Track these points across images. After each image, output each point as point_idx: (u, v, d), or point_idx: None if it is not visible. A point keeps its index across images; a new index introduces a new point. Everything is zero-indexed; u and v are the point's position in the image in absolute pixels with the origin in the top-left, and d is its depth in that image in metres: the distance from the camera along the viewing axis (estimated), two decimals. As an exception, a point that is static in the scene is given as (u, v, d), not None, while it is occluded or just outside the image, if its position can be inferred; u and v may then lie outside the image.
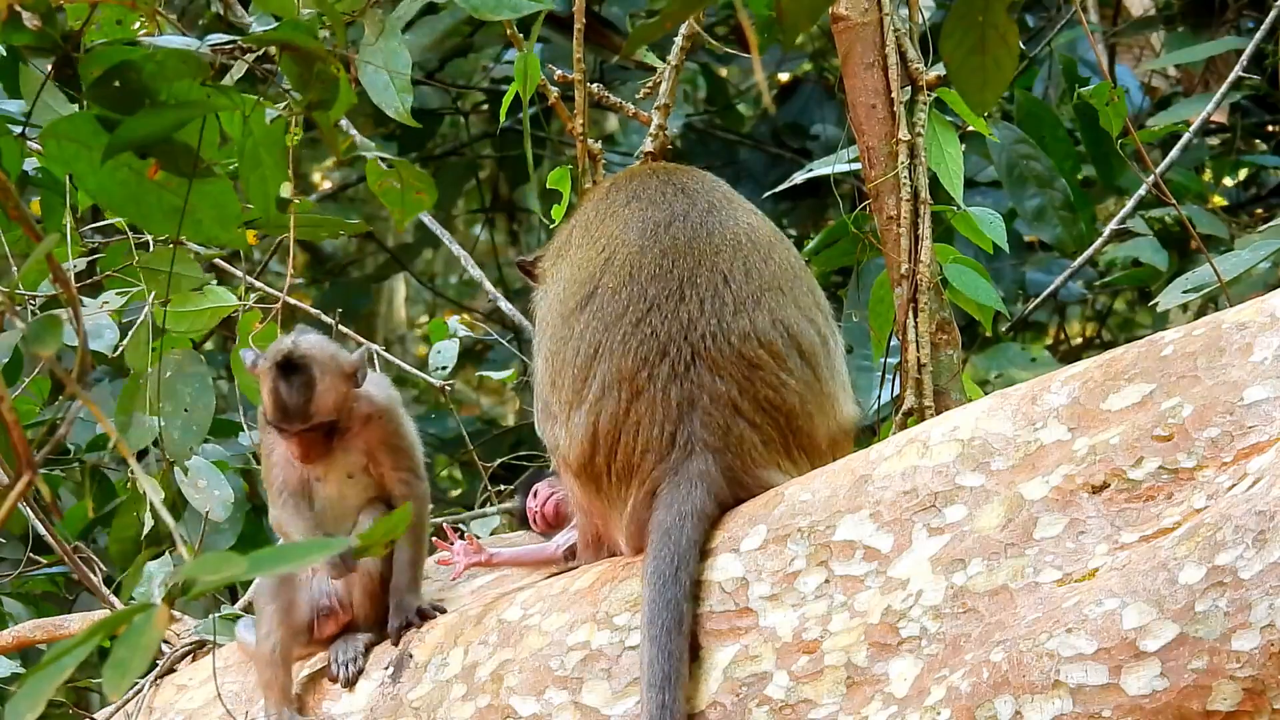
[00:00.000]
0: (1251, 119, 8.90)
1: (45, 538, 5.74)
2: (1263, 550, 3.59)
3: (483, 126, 10.81)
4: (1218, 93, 6.86)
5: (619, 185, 4.70)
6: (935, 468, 4.08)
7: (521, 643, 4.37)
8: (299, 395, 4.53)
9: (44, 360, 2.93)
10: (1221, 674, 3.58)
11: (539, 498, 4.81)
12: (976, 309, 5.38)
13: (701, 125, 10.28)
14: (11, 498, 2.70)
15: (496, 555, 4.71)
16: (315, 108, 3.73)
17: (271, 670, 4.61)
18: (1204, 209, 8.11)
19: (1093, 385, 4.04)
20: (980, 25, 3.26)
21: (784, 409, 4.43)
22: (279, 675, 4.61)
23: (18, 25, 3.73)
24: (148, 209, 3.76)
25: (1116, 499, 3.88)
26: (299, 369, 4.54)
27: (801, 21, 3.05)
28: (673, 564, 4.19)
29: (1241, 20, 8.65)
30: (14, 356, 5.79)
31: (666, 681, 4.05)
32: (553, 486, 4.80)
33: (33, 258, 4.04)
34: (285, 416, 4.54)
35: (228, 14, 5.76)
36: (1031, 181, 7.67)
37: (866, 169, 5.25)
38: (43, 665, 2.51)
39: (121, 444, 2.85)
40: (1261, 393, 3.83)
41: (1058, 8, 8.87)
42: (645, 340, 4.41)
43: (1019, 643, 3.77)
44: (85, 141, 3.67)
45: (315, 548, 2.60)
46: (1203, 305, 7.29)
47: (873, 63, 5.18)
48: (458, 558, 4.69)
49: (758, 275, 4.49)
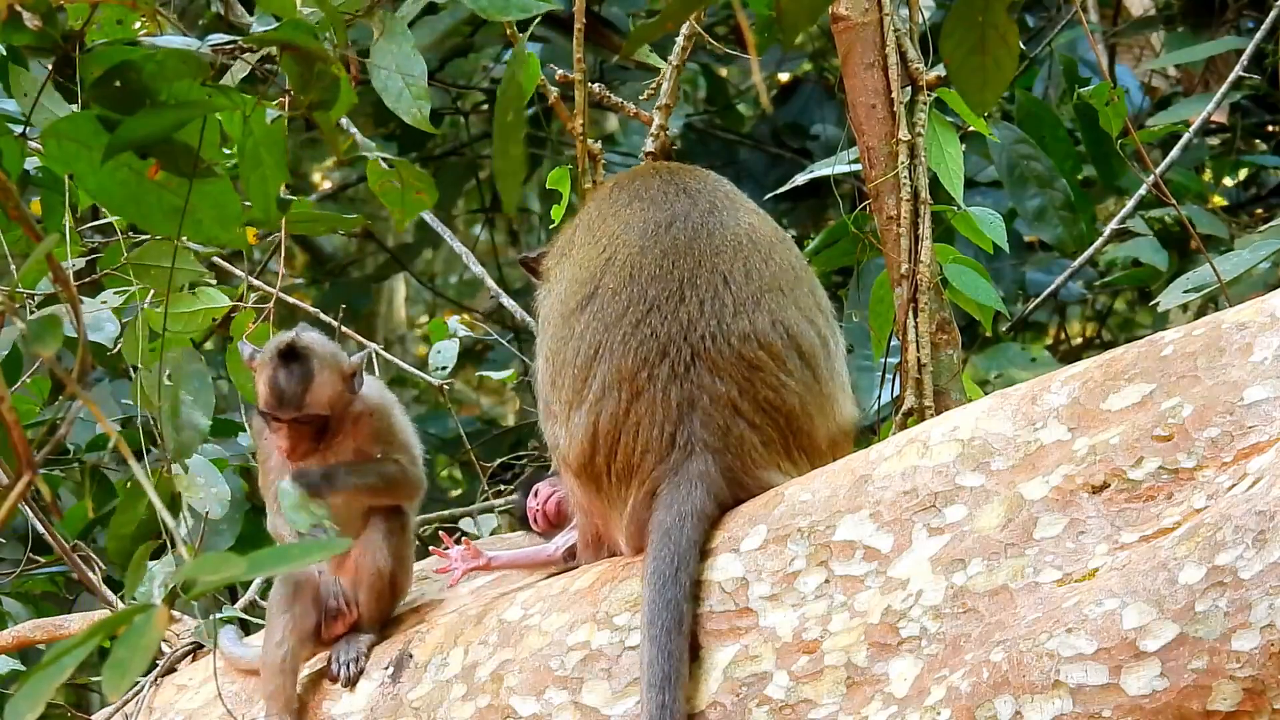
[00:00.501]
0: (1251, 119, 8.90)
1: (45, 537, 5.73)
2: (1263, 550, 3.59)
3: (483, 126, 10.81)
4: (1218, 93, 6.86)
5: (621, 185, 4.70)
6: (935, 468, 4.08)
7: (521, 643, 4.37)
8: (296, 383, 4.56)
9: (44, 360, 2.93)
10: (1221, 674, 3.58)
11: (540, 496, 4.80)
12: (976, 309, 5.37)
13: (701, 125, 10.28)
14: (11, 498, 2.70)
15: (494, 559, 4.70)
16: (315, 108, 3.73)
17: (279, 679, 4.61)
18: (1204, 209, 8.11)
19: (1093, 385, 4.04)
20: (980, 25, 3.26)
21: (784, 410, 4.43)
22: (285, 685, 4.61)
23: (18, 25, 3.73)
24: (148, 209, 3.76)
25: (1116, 499, 3.88)
26: (299, 358, 4.57)
27: (801, 21, 3.05)
28: (673, 564, 4.19)
29: (1241, 20, 8.65)
30: (14, 356, 5.80)
31: (666, 682, 4.05)
32: (554, 485, 4.80)
33: (33, 258, 4.03)
34: (280, 404, 4.56)
35: (228, 14, 5.76)
36: (1032, 181, 7.67)
37: (866, 169, 5.25)
38: (43, 665, 2.51)
39: (121, 443, 2.85)
40: (1261, 393, 3.83)
41: (1058, 8, 8.87)
42: (645, 341, 4.41)
43: (1019, 643, 3.77)
44: (85, 141, 3.67)
45: (315, 548, 2.60)
46: (1203, 305, 7.29)
47: (873, 63, 5.18)
48: (455, 564, 4.68)
49: (758, 276, 4.48)
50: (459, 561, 4.66)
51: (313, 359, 4.58)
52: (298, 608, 4.66)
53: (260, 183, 3.87)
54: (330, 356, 4.62)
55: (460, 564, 4.67)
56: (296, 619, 4.65)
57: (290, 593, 4.68)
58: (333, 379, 4.60)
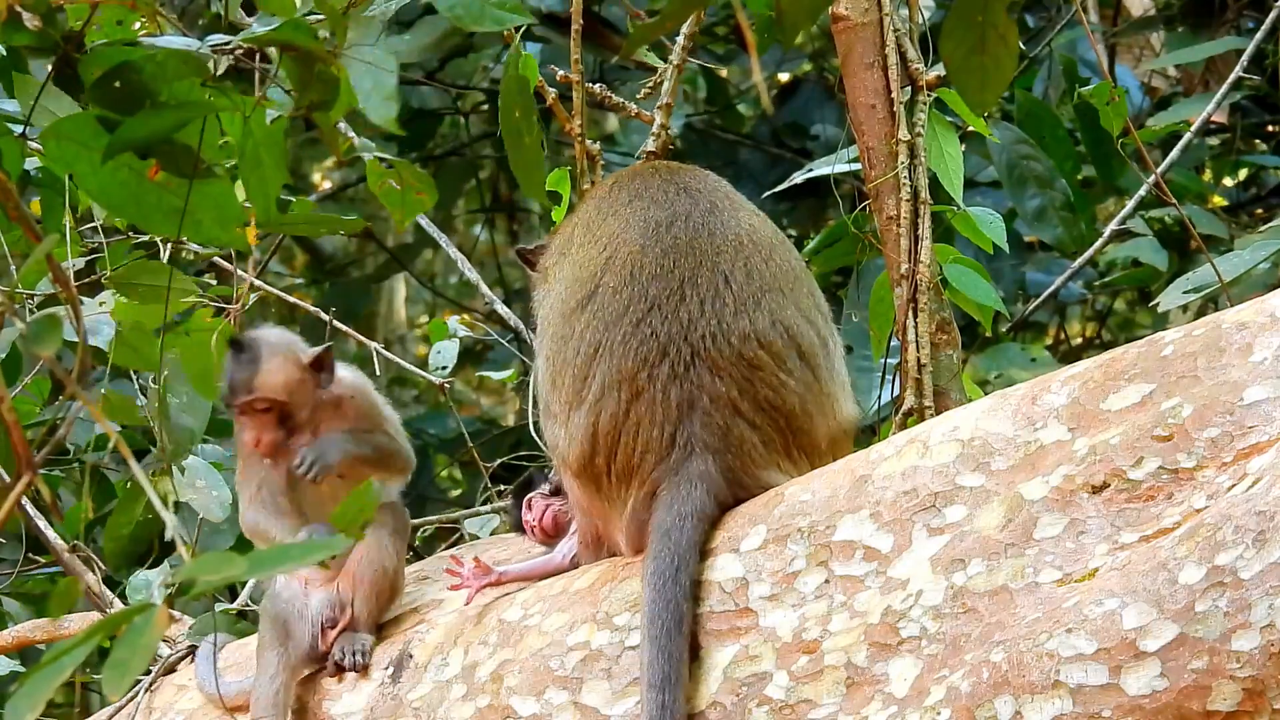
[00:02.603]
0: (1251, 119, 8.89)
1: (44, 536, 5.73)
2: (1263, 550, 3.59)
3: (483, 126, 10.80)
4: (1218, 93, 6.86)
5: (621, 183, 4.69)
6: (935, 468, 4.08)
7: (521, 643, 4.37)
8: (244, 369, 4.65)
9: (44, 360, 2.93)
10: (1221, 674, 3.58)
11: (534, 511, 4.78)
12: (976, 309, 5.37)
13: (701, 125, 10.28)
14: (12, 498, 2.70)
15: (505, 573, 4.69)
16: (315, 108, 3.73)
17: (272, 712, 4.61)
18: (1204, 209, 8.11)
19: (1093, 385, 4.04)
20: (980, 25, 3.27)
21: (784, 410, 4.43)
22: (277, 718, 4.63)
23: (18, 25, 3.73)
24: (148, 210, 3.76)
25: (1116, 499, 3.88)
26: (246, 346, 4.68)
27: (801, 21, 3.05)
28: (673, 565, 4.19)
29: (1241, 20, 8.65)
30: (14, 356, 5.79)
31: (666, 682, 4.05)
32: (547, 498, 4.78)
33: (33, 258, 4.04)
34: (231, 390, 4.67)
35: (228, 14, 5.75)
36: (1031, 182, 7.67)
37: (866, 169, 5.25)
38: (43, 665, 2.51)
39: (121, 444, 2.85)
40: (1261, 393, 3.83)
41: (1058, 8, 8.87)
42: (645, 340, 4.41)
43: (1019, 643, 3.77)
44: (86, 142, 3.67)
45: (315, 548, 2.60)
46: (1203, 305, 7.29)
47: (873, 63, 5.18)
48: (469, 582, 4.66)
49: (758, 276, 4.48)
50: (472, 579, 4.65)
51: (260, 346, 4.68)
52: (290, 642, 4.67)
53: (260, 183, 3.87)
54: (283, 345, 4.72)
55: (473, 581, 4.65)
56: (289, 651, 4.67)
57: (280, 630, 4.68)
58: (285, 366, 4.67)
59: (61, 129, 3.67)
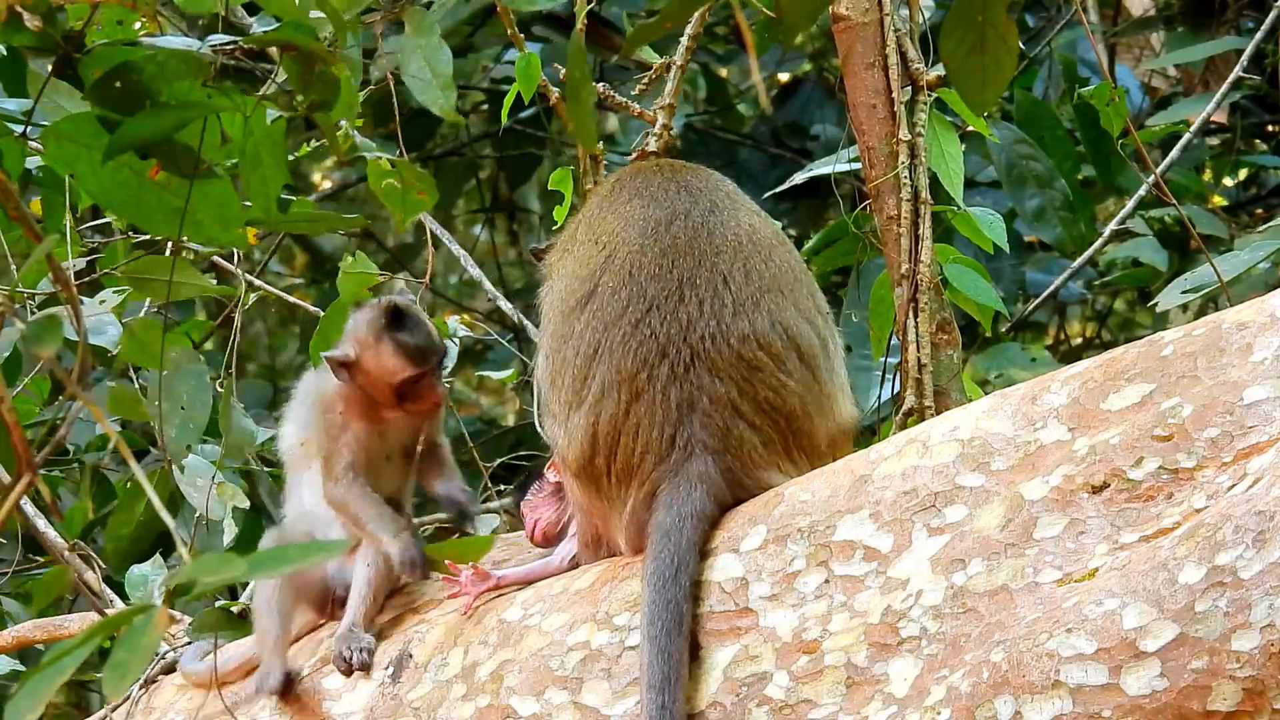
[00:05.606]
0: (1251, 119, 8.90)
1: (43, 537, 5.73)
2: (1263, 550, 3.59)
3: (483, 126, 10.81)
4: (1218, 93, 6.86)
5: (623, 182, 4.69)
6: (935, 468, 4.08)
7: (521, 643, 4.37)
8: (425, 332, 4.68)
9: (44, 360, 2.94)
10: (1221, 674, 3.59)
11: (526, 523, 4.78)
12: (976, 309, 5.38)
13: (701, 125, 10.28)
14: (12, 498, 2.70)
15: (504, 578, 4.68)
16: (316, 108, 3.73)
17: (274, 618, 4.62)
18: (1204, 209, 8.12)
19: (1093, 385, 4.04)
20: (980, 25, 3.27)
21: (783, 410, 4.43)
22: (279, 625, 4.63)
23: (18, 25, 3.73)
24: (148, 210, 3.76)
25: (1116, 499, 3.88)
26: (407, 311, 4.70)
27: (801, 21, 3.05)
28: (672, 565, 4.19)
29: (1241, 20, 8.65)
30: (14, 356, 5.80)
31: (666, 682, 4.05)
32: (534, 510, 4.77)
33: (33, 258, 4.04)
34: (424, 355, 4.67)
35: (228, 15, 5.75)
36: (1031, 181, 7.67)
37: (866, 169, 5.25)
38: (43, 665, 2.52)
39: (121, 444, 2.85)
40: (1261, 393, 3.83)
41: (1058, 8, 8.87)
42: (645, 341, 4.41)
43: (1019, 643, 3.77)
44: (86, 142, 3.67)
45: (315, 549, 2.60)
46: (1203, 305, 7.29)
47: (873, 63, 5.18)
48: (467, 589, 4.65)
49: (758, 276, 4.48)
50: (470, 587, 4.64)
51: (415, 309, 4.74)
52: (299, 581, 4.72)
53: (260, 183, 3.87)
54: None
55: (472, 588, 4.64)
56: (295, 591, 4.70)
57: (293, 593, 4.71)
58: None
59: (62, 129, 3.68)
